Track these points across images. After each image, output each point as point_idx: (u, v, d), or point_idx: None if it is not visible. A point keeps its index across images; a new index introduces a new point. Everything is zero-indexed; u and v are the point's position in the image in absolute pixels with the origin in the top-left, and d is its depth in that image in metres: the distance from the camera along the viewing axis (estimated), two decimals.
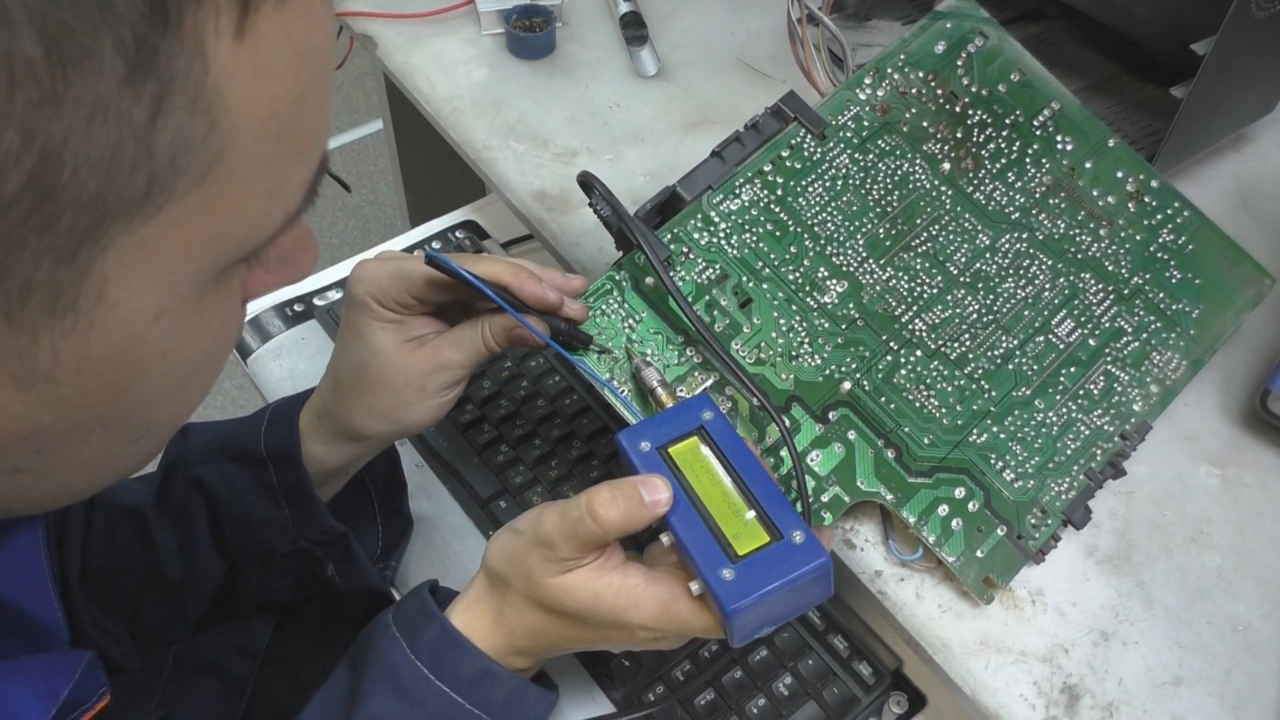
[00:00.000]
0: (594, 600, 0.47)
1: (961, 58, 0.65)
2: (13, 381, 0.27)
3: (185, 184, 0.26)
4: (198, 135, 0.25)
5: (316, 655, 0.58)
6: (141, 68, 0.23)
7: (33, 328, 0.26)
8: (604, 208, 0.55)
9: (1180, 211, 0.64)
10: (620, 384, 0.55)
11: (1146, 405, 0.60)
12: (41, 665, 0.38)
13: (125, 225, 0.25)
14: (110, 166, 0.24)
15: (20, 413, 0.28)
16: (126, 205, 0.25)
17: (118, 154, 0.24)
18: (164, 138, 0.25)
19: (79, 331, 0.27)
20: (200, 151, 0.26)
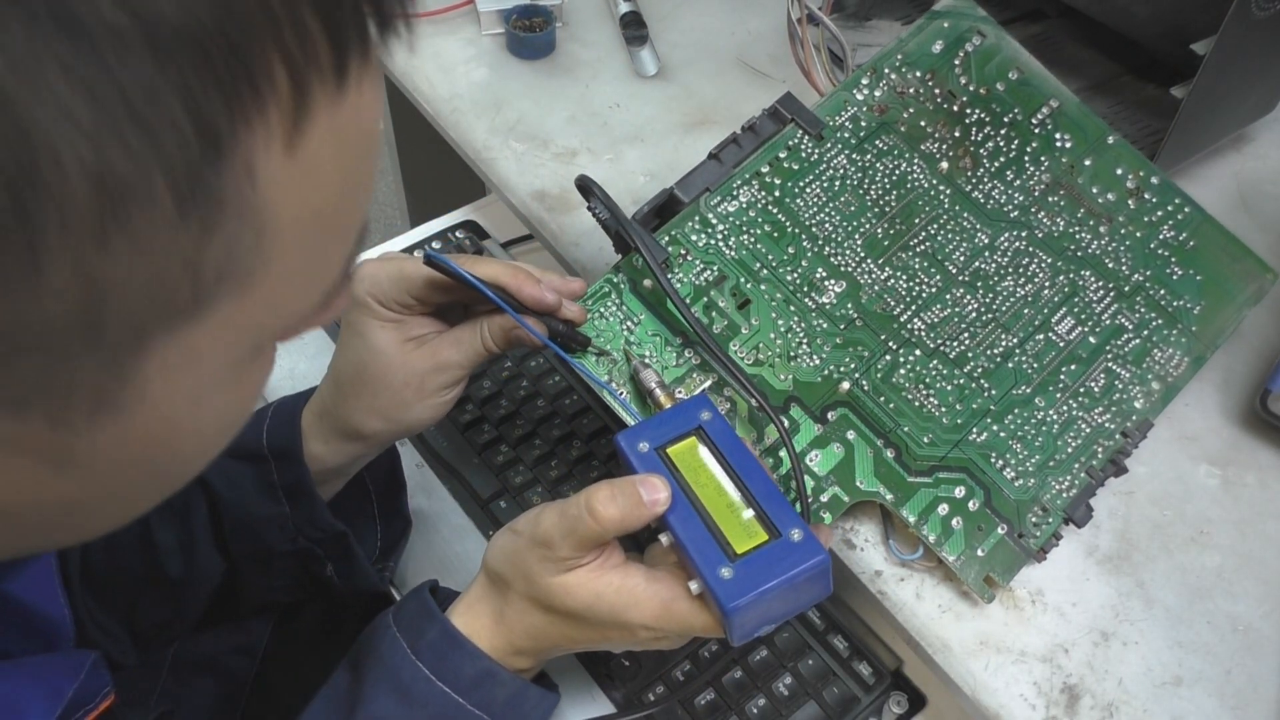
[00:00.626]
0: (594, 599, 0.47)
1: (959, 57, 0.65)
2: (51, 468, 0.27)
3: (229, 290, 0.26)
4: (244, 247, 0.25)
5: (316, 654, 0.58)
6: (192, 199, 0.23)
7: (72, 424, 0.26)
8: (602, 211, 0.55)
9: (1181, 208, 0.64)
10: (619, 386, 0.55)
11: (1148, 402, 0.60)
12: (47, 665, 0.38)
13: (169, 332, 0.26)
14: (157, 288, 0.24)
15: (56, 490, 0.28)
16: (171, 317, 0.25)
17: (165, 277, 0.24)
18: (211, 255, 0.25)
19: (118, 424, 0.27)
20: (246, 260, 0.26)
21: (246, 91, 0.23)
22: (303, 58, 0.24)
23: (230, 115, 0.23)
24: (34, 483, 0.27)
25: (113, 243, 0.23)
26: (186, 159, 0.23)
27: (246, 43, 0.23)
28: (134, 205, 0.22)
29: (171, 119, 0.22)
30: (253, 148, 0.24)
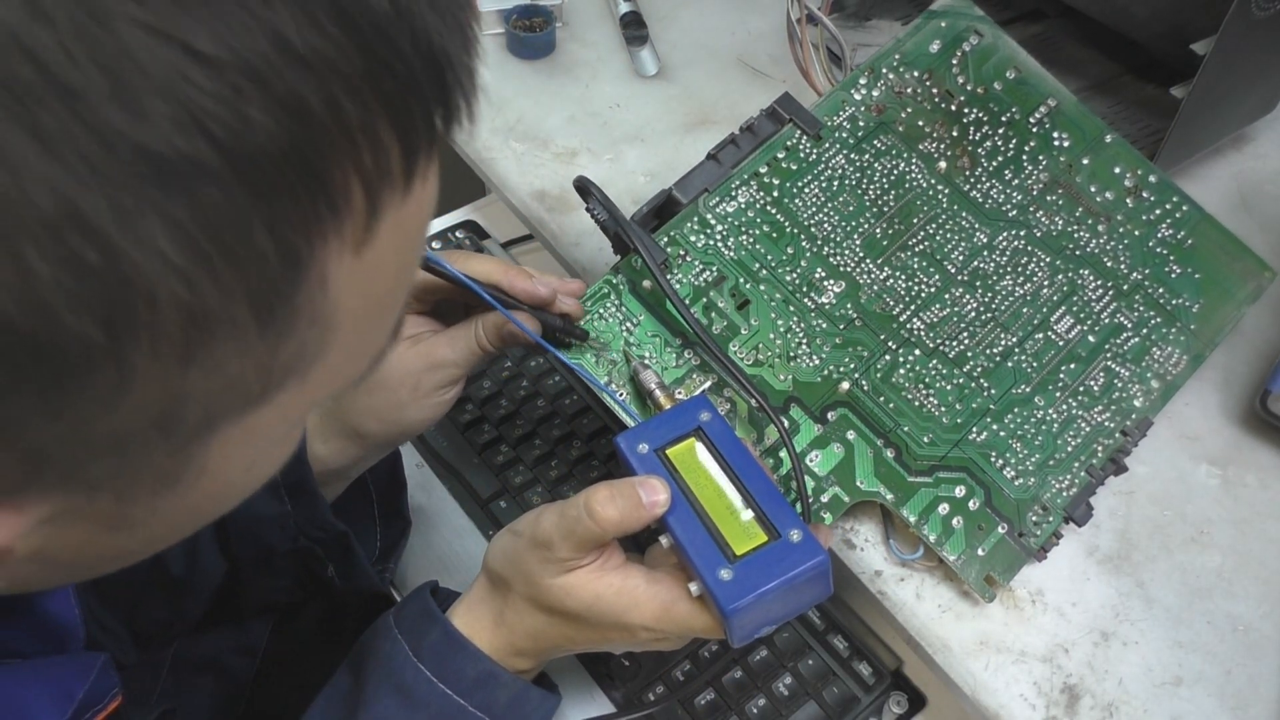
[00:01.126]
0: (594, 600, 0.47)
1: (956, 56, 0.65)
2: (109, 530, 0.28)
3: (294, 380, 0.27)
4: (311, 343, 0.26)
5: (316, 654, 0.58)
6: (271, 317, 0.24)
7: (136, 499, 0.27)
8: (600, 212, 0.55)
9: (1179, 206, 0.64)
10: (618, 387, 0.55)
11: (1147, 401, 0.60)
12: (58, 667, 0.38)
13: (234, 422, 0.27)
14: (231, 390, 0.25)
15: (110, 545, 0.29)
16: (239, 410, 0.26)
17: (240, 381, 0.25)
18: (281, 356, 0.26)
19: (176, 494, 0.28)
20: (311, 353, 0.27)
21: (326, 212, 0.24)
22: (377, 171, 0.25)
23: (308, 235, 0.24)
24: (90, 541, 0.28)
25: (196, 362, 0.24)
26: (269, 283, 0.24)
27: (326, 167, 0.24)
28: (219, 330, 0.23)
29: (258, 248, 0.23)
30: (326, 259, 0.25)
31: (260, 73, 0.22)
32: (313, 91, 0.23)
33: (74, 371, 0.22)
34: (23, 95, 0.20)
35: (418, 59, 0.25)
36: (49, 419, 0.23)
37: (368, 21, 0.24)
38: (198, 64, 0.21)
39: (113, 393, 0.23)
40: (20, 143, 0.20)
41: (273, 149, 0.22)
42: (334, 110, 0.23)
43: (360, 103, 0.24)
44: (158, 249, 0.21)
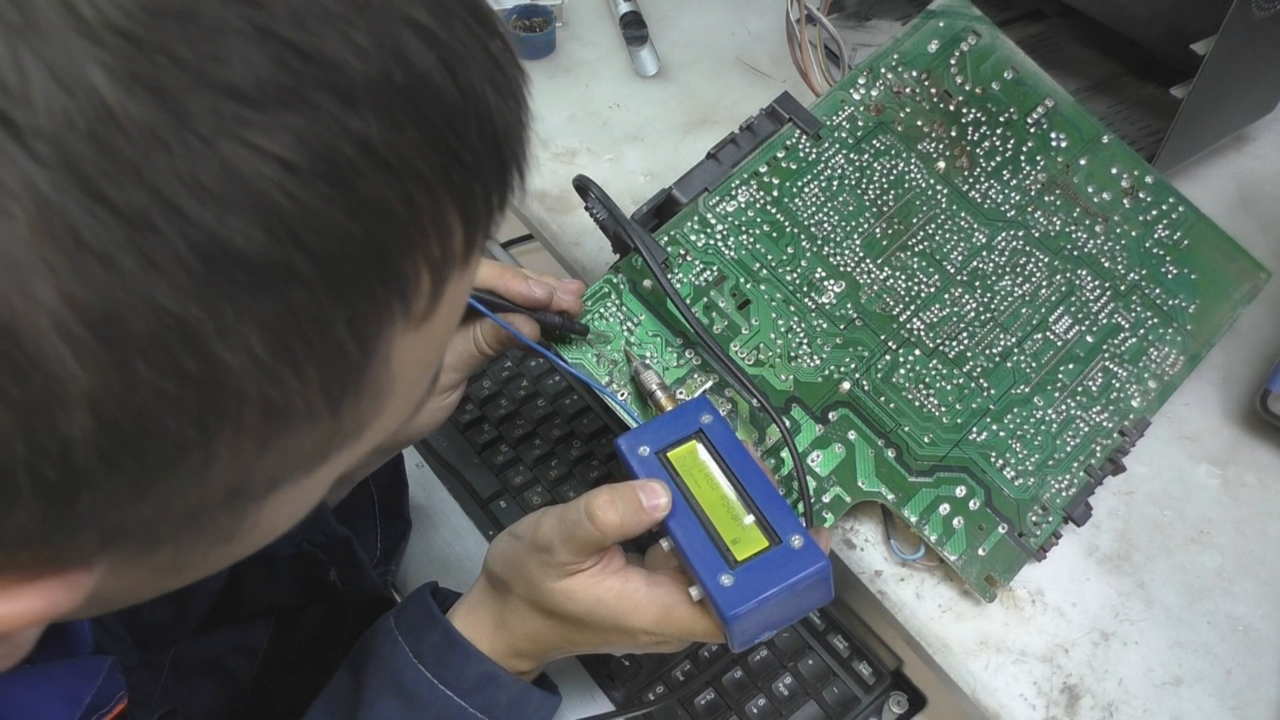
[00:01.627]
0: (594, 604, 0.47)
1: (954, 56, 0.65)
2: (162, 573, 0.29)
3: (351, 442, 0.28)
4: (370, 411, 0.28)
5: (317, 655, 0.58)
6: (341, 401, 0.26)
7: (193, 549, 0.28)
8: (600, 211, 0.55)
9: (1175, 207, 0.64)
10: (618, 388, 0.55)
11: (1145, 401, 0.60)
12: (66, 671, 0.38)
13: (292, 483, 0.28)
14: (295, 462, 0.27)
15: (160, 584, 0.30)
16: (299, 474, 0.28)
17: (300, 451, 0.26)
18: (343, 425, 0.27)
19: (230, 545, 0.29)
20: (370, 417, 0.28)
21: (397, 303, 0.25)
22: (444, 257, 0.26)
23: (381, 324, 0.25)
24: (143, 583, 0.30)
25: (271, 447, 0.25)
26: (345, 372, 0.25)
27: (401, 261, 0.25)
28: (295, 418, 0.25)
29: (338, 342, 0.24)
30: (392, 338, 0.26)
31: (346, 179, 0.23)
32: (394, 193, 0.24)
33: (165, 464, 0.23)
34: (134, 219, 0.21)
35: (483, 146, 0.26)
36: (134, 503, 0.24)
37: (441, 117, 0.25)
38: (289, 174, 0.22)
39: (195, 477, 0.24)
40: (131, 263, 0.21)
41: (356, 250, 0.24)
42: (410, 208, 0.24)
43: (433, 197, 0.25)
44: (252, 353, 0.23)
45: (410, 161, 0.24)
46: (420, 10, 0.24)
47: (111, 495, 0.23)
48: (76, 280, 0.20)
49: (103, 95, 0.20)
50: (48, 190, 0.20)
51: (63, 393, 0.21)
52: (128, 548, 0.26)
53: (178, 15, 0.21)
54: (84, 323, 0.21)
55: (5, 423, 0.21)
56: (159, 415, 0.22)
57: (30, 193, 0.20)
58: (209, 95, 0.21)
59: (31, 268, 0.20)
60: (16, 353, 0.20)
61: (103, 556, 0.25)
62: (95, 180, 0.20)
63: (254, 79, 0.22)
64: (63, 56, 0.20)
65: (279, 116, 0.22)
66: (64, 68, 0.20)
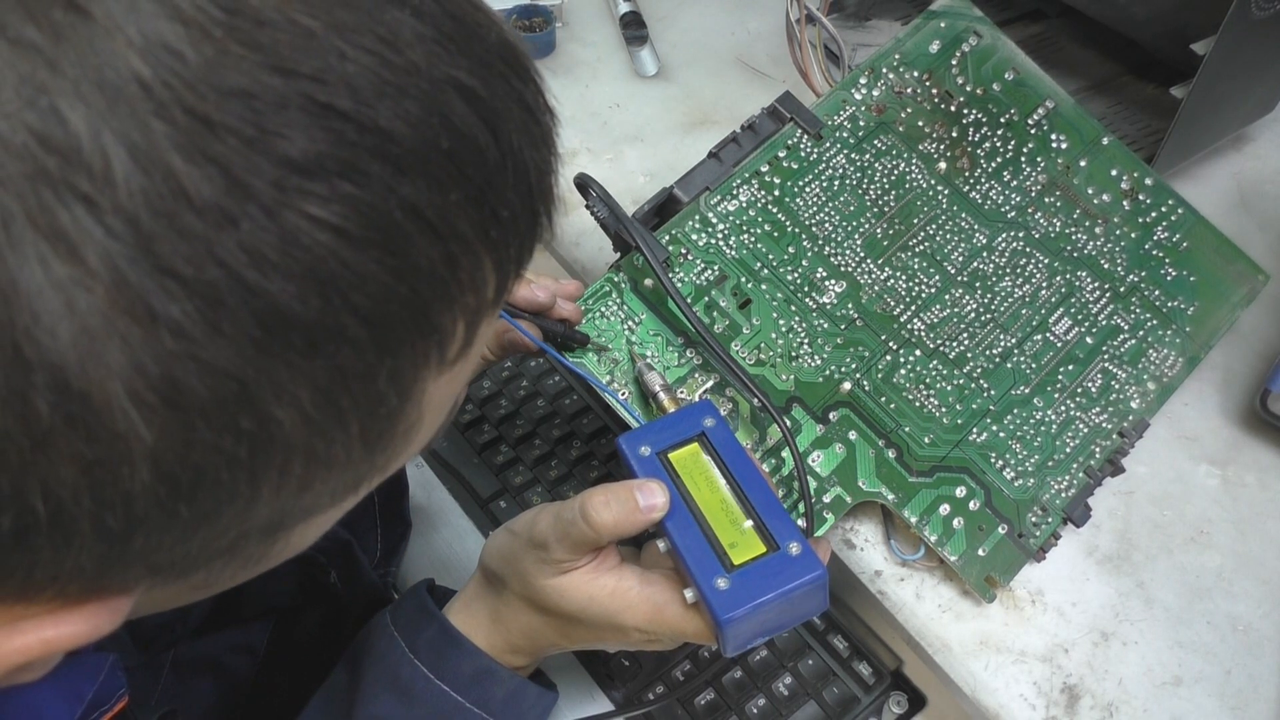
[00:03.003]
0: (588, 602, 0.47)
1: (956, 57, 0.65)
2: (191, 590, 0.30)
3: (380, 473, 0.29)
4: (401, 447, 0.29)
5: (316, 654, 0.58)
6: (379, 444, 0.27)
7: (223, 571, 0.29)
8: (601, 210, 0.55)
9: (1175, 209, 0.64)
10: (620, 387, 0.55)
11: (1144, 402, 0.60)
12: (68, 667, 0.38)
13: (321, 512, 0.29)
14: (328, 498, 0.28)
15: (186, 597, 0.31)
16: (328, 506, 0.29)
17: (340, 488, 0.28)
18: (377, 462, 0.28)
19: (261, 565, 0.31)
20: (400, 449, 0.29)
21: (434, 351, 0.27)
22: (478, 306, 0.27)
23: (416, 371, 0.27)
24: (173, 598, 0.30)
25: (310, 489, 0.26)
26: (384, 419, 0.26)
27: (439, 315, 0.26)
28: (336, 465, 0.26)
29: (379, 393, 0.26)
30: (426, 381, 0.27)
31: (395, 243, 0.24)
32: (437, 253, 0.25)
33: (214, 509, 0.24)
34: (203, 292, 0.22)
35: (518, 199, 0.27)
36: (183, 543, 0.25)
37: (482, 176, 0.26)
38: (343, 240, 0.23)
39: (239, 518, 0.25)
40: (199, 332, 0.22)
41: (401, 310, 0.25)
42: (451, 266, 0.26)
43: (472, 254, 0.26)
44: (303, 410, 0.24)
45: (453, 223, 0.25)
46: (465, 73, 0.25)
47: (163, 537, 0.24)
48: (147, 350, 0.21)
49: (177, 174, 0.21)
50: (124, 266, 0.21)
51: (128, 452, 0.22)
52: (169, 576, 0.27)
53: (245, 94, 0.22)
54: (152, 388, 0.22)
55: (74, 478, 0.22)
56: (214, 468, 0.23)
57: (108, 268, 0.21)
58: (271, 169, 0.22)
59: (107, 338, 0.21)
60: (89, 416, 0.21)
61: (144, 584, 0.26)
62: (167, 256, 0.21)
63: (314, 152, 0.23)
64: (141, 137, 0.21)
65: (335, 186, 0.23)
66: (142, 148, 0.21)
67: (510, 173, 0.27)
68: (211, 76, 0.22)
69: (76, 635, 0.26)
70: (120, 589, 0.26)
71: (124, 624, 0.53)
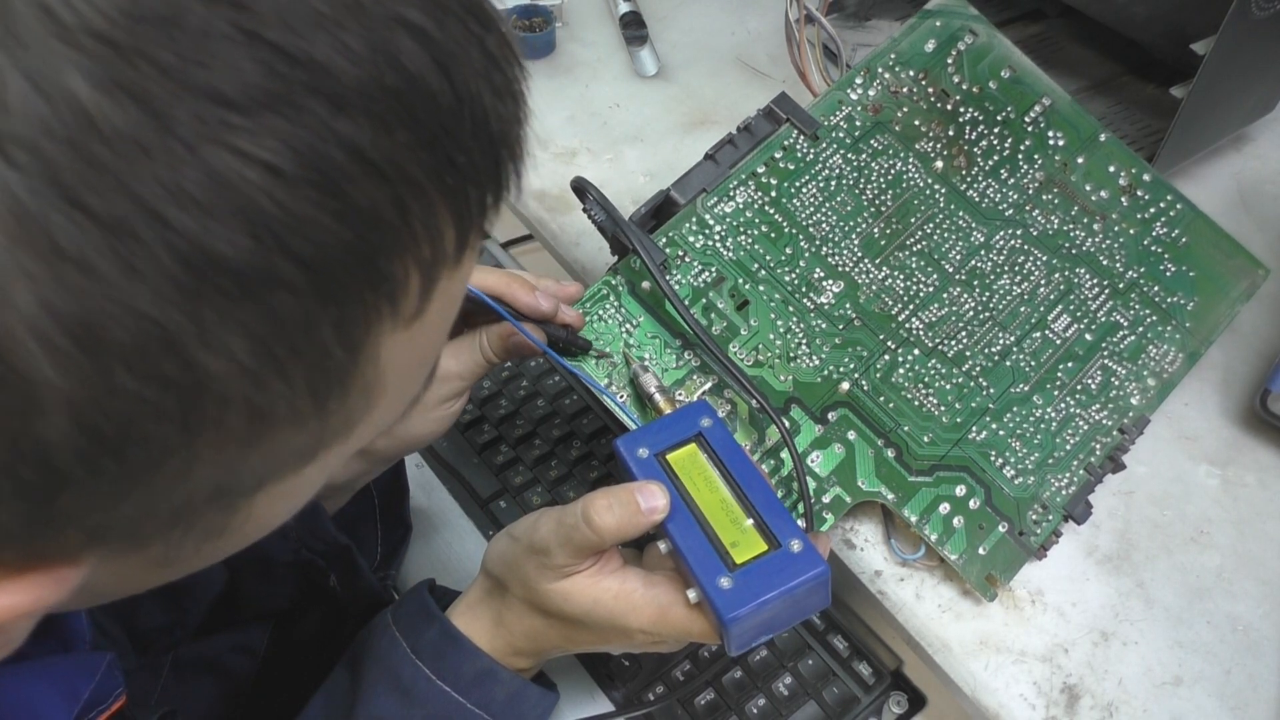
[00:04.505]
0: (592, 605, 0.47)
1: (951, 56, 0.65)
2: (154, 566, 0.29)
3: (341, 439, 0.28)
4: (359, 409, 0.27)
5: (316, 654, 0.58)
6: (328, 399, 0.25)
7: (184, 544, 0.28)
8: (598, 213, 0.55)
9: (1173, 205, 0.64)
10: (618, 389, 0.55)
11: (1144, 399, 0.60)
12: (65, 666, 0.38)
13: (281, 478, 0.28)
14: (274, 456, 0.26)
15: (151, 577, 0.30)
16: (288, 472, 0.28)
17: (285, 447, 0.26)
18: (332, 425, 0.27)
19: (221, 540, 0.29)
20: (360, 414, 0.28)
21: (385, 306, 0.25)
22: (434, 259, 0.26)
23: (369, 326, 0.25)
24: (134, 576, 0.29)
25: (257, 448, 0.25)
26: (330, 374, 0.25)
27: (389, 265, 0.25)
28: (280, 419, 0.25)
29: (323, 345, 0.24)
30: (380, 339, 0.26)
31: (335, 184, 0.23)
32: (384, 197, 0.24)
33: (147, 466, 0.23)
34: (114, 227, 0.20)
35: (477, 147, 0.26)
36: (116, 503, 0.24)
37: (434, 119, 0.24)
38: (276, 179, 0.22)
39: (178, 478, 0.24)
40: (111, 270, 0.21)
41: (344, 256, 0.23)
42: (401, 212, 0.24)
43: (425, 200, 0.25)
44: (236, 359, 0.23)
45: (401, 165, 0.24)
46: (414, 10, 0.24)
47: (92, 496, 0.23)
48: (55, 288, 0.20)
49: (82, 101, 0.20)
50: (25, 197, 0.20)
51: (39, 398, 0.21)
52: (114, 544, 0.25)
53: (161, 20, 0.21)
54: (62, 330, 0.20)
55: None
56: (140, 420, 0.22)
57: (6, 199, 0.20)
58: (193, 101, 0.21)
59: (7, 275, 0.20)
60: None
61: (90, 552, 0.25)
62: (74, 187, 0.20)
63: (240, 84, 0.21)
64: (41, 62, 0.20)
65: (265, 121, 0.22)
66: (42, 74, 0.20)
67: (468, 119, 0.25)
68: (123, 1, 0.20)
69: (18, 605, 0.25)
70: (63, 557, 0.25)
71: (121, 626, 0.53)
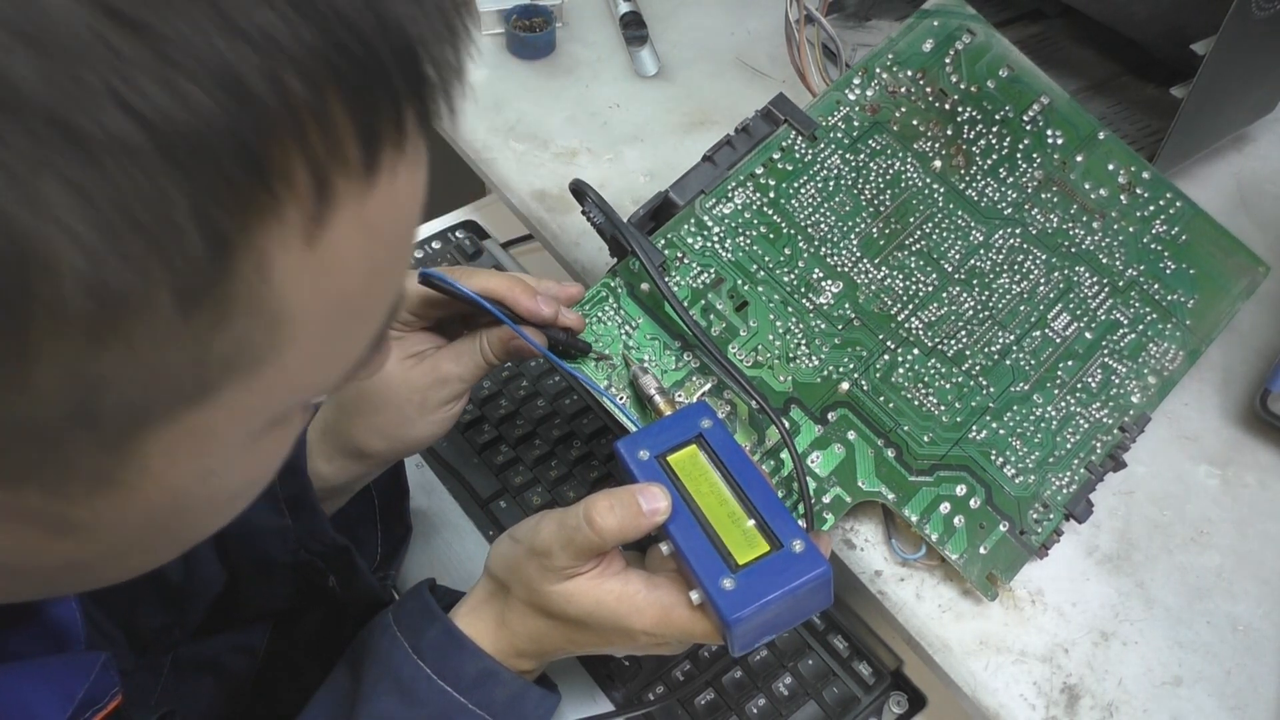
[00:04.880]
0: (595, 607, 0.47)
1: (949, 55, 0.65)
2: (50, 533, 0.27)
3: (238, 378, 0.25)
4: (255, 338, 0.25)
5: (316, 653, 0.58)
6: (196, 303, 0.23)
7: (70, 497, 0.26)
8: (597, 215, 0.55)
9: (1173, 202, 0.64)
10: (618, 391, 0.55)
11: (1145, 397, 0.60)
12: (59, 666, 0.38)
13: (171, 416, 0.25)
14: (157, 382, 0.24)
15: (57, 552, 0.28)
16: (172, 405, 0.25)
17: (166, 372, 0.24)
18: (218, 347, 0.24)
19: (119, 496, 0.26)
20: (257, 351, 0.25)
21: (262, 195, 0.23)
22: (327, 156, 0.24)
23: (243, 219, 0.23)
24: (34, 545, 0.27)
25: (108, 346, 0.22)
26: (192, 266, 0.22)
27: (264, 146, 0.22)
28: (131, 312, 0.22)
29: (176, 227, 0.21)
30: (267, 247, 0.23)
31: (196, 47, 0.21)
32: (254, 69, 0.22)
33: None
34: None
35: (385, 46, 0.24)
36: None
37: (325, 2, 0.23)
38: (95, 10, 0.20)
39: (16, 374, 0.22)
40: None
41: (204, 127, 0.21)
42: (277, 88, 0.22)
43: (309, 83, 0.23)
44: (63, 223, 0.20)
45: (276, 38, 0.22)
46: None
47: None
48: None
49: None
50: None
51: None
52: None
53: None
54: None
55: None
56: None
57: None
58: None
59: None
60: None
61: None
62: None
63: None
64: None
65: None
66: None
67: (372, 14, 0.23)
68: None
69: None
70: None
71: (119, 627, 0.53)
